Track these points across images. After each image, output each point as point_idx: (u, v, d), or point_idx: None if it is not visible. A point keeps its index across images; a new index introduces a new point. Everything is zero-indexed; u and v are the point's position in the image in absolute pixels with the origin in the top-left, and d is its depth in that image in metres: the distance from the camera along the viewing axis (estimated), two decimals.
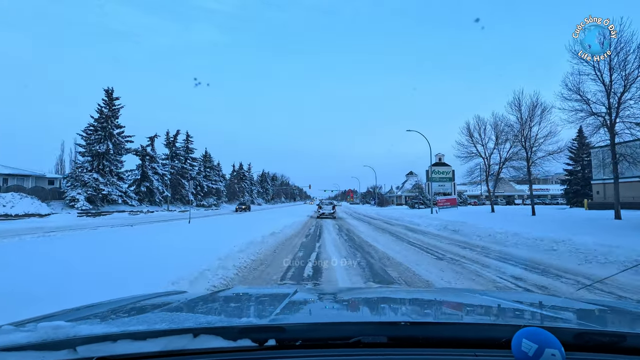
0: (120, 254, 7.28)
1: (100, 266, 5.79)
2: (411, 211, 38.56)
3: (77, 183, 28.74)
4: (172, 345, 0.87)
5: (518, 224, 14.64)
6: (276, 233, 12.63)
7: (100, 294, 2.22)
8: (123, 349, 0.86)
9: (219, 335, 0.90)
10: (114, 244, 9.32)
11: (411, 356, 0.89)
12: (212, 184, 57.63)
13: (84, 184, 28.51)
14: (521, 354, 0.69)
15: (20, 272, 5.24)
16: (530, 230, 11.62)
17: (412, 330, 0.99)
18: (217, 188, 58.91)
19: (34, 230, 15.06)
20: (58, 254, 7.40)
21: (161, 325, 1.00)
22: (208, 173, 58.72)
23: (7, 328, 0.96)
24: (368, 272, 6.59)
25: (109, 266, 5.78)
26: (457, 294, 2.15)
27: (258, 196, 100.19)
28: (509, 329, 0.83)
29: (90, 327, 0.96)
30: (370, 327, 1.08)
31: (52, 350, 0.85)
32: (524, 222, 16.81)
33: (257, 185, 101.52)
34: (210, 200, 53.83)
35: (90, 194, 28.60)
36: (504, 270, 6.75)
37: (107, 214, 29.30)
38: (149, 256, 6.95)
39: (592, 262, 7.26)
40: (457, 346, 0.93)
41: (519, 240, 10.57)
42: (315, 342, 0.94)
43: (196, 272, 5.48)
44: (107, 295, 1.88)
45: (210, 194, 56.62)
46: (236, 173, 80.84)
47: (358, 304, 1.61)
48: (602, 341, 0.93)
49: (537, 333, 0.70)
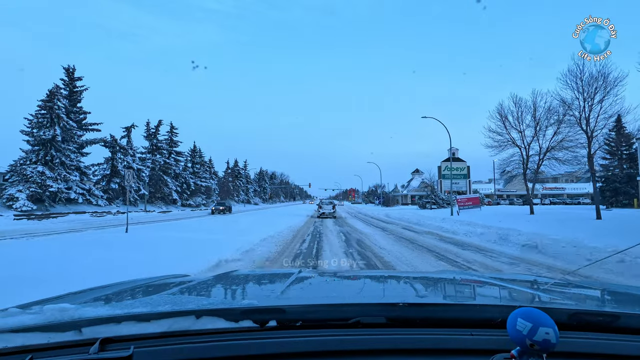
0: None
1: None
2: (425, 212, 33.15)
3: (18, 178, 23.22)
4: (175, 326, 0.88)
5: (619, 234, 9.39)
6: (250, 251, 7.40)
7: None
8: (127, 330, 0.86)
9: (221, 316, 0.91)
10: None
11: (409, 336, 0.90)
12: (201, 181, 52.25)
13: (25, 179, 22.97)
14: (516, 333, 0.69)
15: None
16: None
17: (410, 311, 1.00)
18: (206, 186, 53.51)
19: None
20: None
21: (164, 307, 0.99)
22: (197, 169, 53.34)
23: (14, 310, 0.99)
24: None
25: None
26: (454, 277, 1.97)
27: (255, 195, 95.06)
28: (504, 309, 0.85)
29: (94, 309, 0.98)
30: (369, 308, 1.07)
31: (57, 332, 0.86)
32: (616, 230, 11.44)
33: (254, 183, 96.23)
34: (197, 200, 48.40)
35: (33, 191, 23.06)
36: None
37: (59, 216, 23.96)
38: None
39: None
40: (454, 326, 0.94)
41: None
42: (315, 322, 0.95)
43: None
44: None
45: (198, 192, 51.24)
46: (230, 170, 75.29)
47: (358, 285, 1.62)
48: (595, 321, 0.95)
49: (531, 313, 0.71)
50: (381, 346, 0.87)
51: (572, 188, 73.32)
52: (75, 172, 27.52)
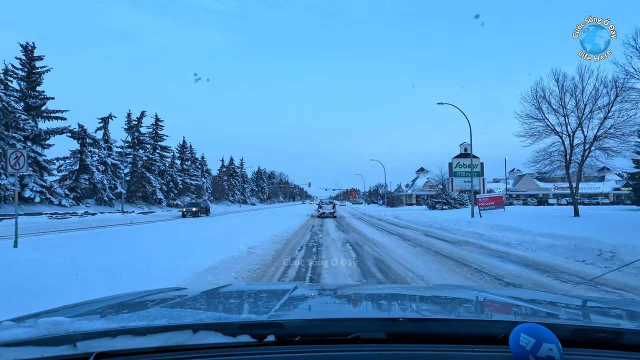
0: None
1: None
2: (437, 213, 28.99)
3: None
4: (172, 340, 0.86)
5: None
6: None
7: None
8: (123, 345, 0.85)
9: (218, 331, 0.89)
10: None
11: (410, 352, 0.89)
12: (191, 179, 48.18)
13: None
14: (519, 349, 0.68)
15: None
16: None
17: (411, 326, 0.98)
18: (197, 185, 49.44)
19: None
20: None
21: (161, 321, 0.99)
22: (186, 167, 49.27)
23: (7, 324, 0.97)
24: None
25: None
26: (455, 291, 1.90)
27: (252, 195, 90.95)
28: (506, 325, 0.83)
29: (90, 323, 0.96)
30: (368, 323, 1.05)
31: (52, 346, 0.85)
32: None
33: (252, 183, 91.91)
34: (186, 199, 44.31)
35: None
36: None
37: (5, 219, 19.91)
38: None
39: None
40: (455, 342, 0.92)
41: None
42: (314, 337, 0.93)
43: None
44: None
45: (187, 191, 47.16)
46: (225, 168, 71.06)
47: (357, 300, 1.58)
48: (599, 337, 0.93)
49: (534, 328, 0.70)
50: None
51: (585, 188, 68.94)
52: (32, 166, 23.44)
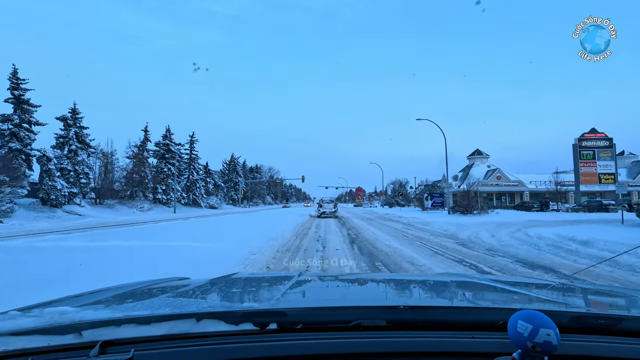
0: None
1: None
2: None
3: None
4: (175, 329, 0.86)
5: None
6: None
7: None
8: (127, 333, 0.85)
9: (221, 319, 0.89)
10: None
11: (410, 339, 0.88)
12: None
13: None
14: (517, 335, 0.69)
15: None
16: None
17: (411, 313, 0.97)
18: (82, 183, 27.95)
19: None
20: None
21: (165, 310, 0.98)
22: None
23: (14, 313, 0.97)
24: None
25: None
26: (456, 279, 1.90)
27: (223, 194, 64.20)
28: (505, 312, 0.83)
29: (95, 312, 0.96)
30: (369, 311, 1.04)
31: (58, 335, 0.85)
32: None
33: (216, 176, 62.75)
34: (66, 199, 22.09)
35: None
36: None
37: None
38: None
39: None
40: (455, 329, 0.92)
41: None
42: (315, 325, 0.93)
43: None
44: None
45: None
46: (141, 144, 43.60)
47: (358, 288, 1.60)
48: (597, 324, 0.93)
49: (532, 315, 0.70)
50: (382, 349, 0.85)
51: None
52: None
